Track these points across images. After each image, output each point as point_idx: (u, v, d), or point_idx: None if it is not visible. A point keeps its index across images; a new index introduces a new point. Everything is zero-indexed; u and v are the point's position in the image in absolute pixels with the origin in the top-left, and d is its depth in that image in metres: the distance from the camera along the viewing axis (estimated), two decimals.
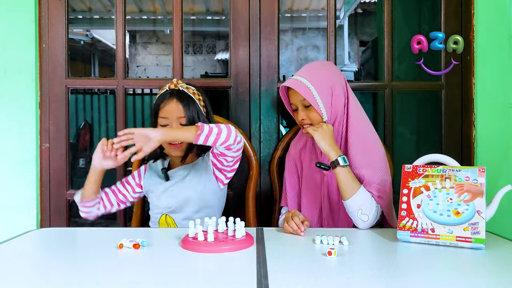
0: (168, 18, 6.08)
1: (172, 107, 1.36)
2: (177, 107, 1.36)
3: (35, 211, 1.66)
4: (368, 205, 1.24)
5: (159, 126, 1.36)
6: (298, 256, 0.99)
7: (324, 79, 1.33)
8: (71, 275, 0.87)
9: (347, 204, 1.25)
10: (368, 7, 6.26)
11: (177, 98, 1.37)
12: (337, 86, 1.34)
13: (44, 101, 1.70)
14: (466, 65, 1.70)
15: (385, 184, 1.29)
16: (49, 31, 1.70)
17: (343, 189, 1.25)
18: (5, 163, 1.66)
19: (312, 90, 1.30)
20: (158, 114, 1.37)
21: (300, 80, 1.32)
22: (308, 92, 1.30)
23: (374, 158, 1.31)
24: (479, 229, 1.03)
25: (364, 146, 1.32)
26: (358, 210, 1.23)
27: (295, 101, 1.36)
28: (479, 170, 1.09)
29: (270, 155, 1.69)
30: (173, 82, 1.40)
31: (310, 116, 1.33)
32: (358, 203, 1.24)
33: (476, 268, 0.93)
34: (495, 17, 1.64)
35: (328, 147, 1.26)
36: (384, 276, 0.85)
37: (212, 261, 0.96)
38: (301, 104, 1.34)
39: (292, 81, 1.33)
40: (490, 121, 1.65)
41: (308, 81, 1.31)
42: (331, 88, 1.32)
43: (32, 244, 1.15)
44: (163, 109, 1.36)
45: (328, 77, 1.34)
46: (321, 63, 1.44)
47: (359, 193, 1.24)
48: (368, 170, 1.29)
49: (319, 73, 1.35)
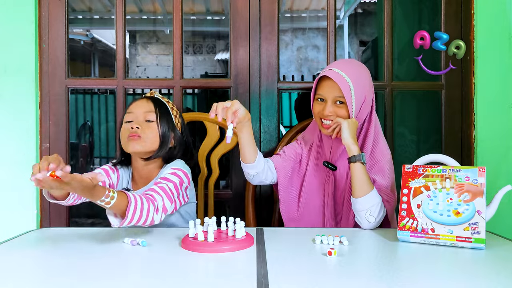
0: (168, 18, 6.08)
1: (142, 103, 1.32)
2: (147, 103, 1.32)
3: (35, 211, 1.66)
4: (377, 208, 1.23)
5: (124, 124, 1.31)
6: (298, 256, 0.99)
7: (363, 83, 1.31)
8: (71, 275, 0.87)
9: (358, 202, 1.23)
10: (368, 7, 6.26)
11: (148, 98, 1.34)
12: (369, 95, 1.34)
13: (44, 101, 1.70)
14: (466, 65, 1.70)
15: (393, 189, 1.30)
16: (49, 31, 1.70)
17: (358, 186, 1.23)
18: (5, 163, 1.66)
19: (352, 90, 1.27)
20: (125, 112, 1.33)
21: (343, 76, 1.28)
22: (349, 91, 1.27)
23: (385, 165, 1.32)
24: (479, 229, 1.03)
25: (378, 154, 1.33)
26: (367, 210, 1.22)
27: (327, 94, 1.31)
28: (479, 170, 1.09)
29: (270, 155, 1.69)
30: (152, 92, 1.38)
31: (338, 113, 1.30)
32: (369, 203, 1.22)
33: (476, 268, 0.93)
34: (495, 17, 1.64)
35: (352, 139, 1.25)
36: (384, 276, 0.85)
37: (212, 261, 0.96)
38: (333, 99, 1.30)
39: (333, 73, 1.29)
40: (490, 121, 1.65)
41: (351, 80, 1.27)
42: (365, 96, 1.31)
43: (32, 244, 1.15)
44: (131, 106, 1.33)
45: (366, 84, 1.33)
46: (362, 66, 1.38)
47: (372, 194, 1.23)
48: (379, 175, 1.29)
49: (360, 76, 1.31)
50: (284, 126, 4.93)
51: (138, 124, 1.27)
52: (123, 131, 1.31)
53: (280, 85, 1.73)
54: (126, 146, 1.28)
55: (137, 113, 1.30)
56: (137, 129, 1.27)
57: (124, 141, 1.29)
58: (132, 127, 1.27)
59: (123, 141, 1.30)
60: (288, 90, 1.84)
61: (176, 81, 1.72)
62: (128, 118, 1.30)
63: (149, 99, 1.34)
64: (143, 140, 1.28)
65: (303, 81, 6.04)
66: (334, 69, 1.29)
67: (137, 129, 1.27)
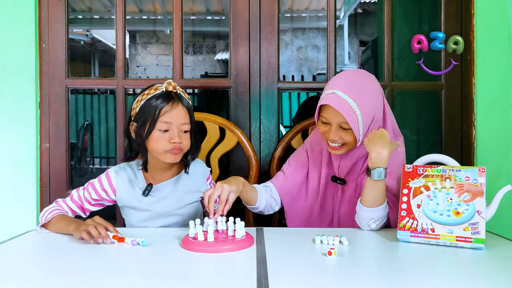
0: (168, 18, 6.08)
1: (179, 111, 1.24)
2: (184, 112, 1.26)
3: (35, 211, 1.66)
4: (383, 219, 1.21)
5: (156, 131, 1.23)
6: (298, 256, 0.99)
7: (370, 105, 1.23)
8: (71, 275, 0.87)
9: (365, 210, 1.20)
10: (368, 7, 6.26)
11: (182, 103, 1.26)
12: (378, 111, 1.27)
13: (44, 101, 1.69)
14: (466, 65, 1.70)
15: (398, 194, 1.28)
16: (49, 31, 1.70)
17: (369, 199, 1.19)
18: (5, 163, 1.66)
19: (358, 117, 1.19)
20: (158, 117, 1.22)
21: (348, 102, 1.19)
22: (354, 118, 1.19)
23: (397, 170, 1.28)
24: (479, 229, 1.03)
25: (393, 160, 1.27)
26: (372, 219, 1.20)
27: (331, 119, 1.24)
28: (479, 170, 1.09)
29: (270, 155, 1.69)
30: (170, 83, 1.26)
31: (344, 138, 1.25)
32: (376, 214, 1.20)
33: (476, 268, 0.93)
34: (495, 17, 1.64)
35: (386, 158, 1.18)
36: (384, 276, 0.85)
37: (212, 261, 0.96)
38: (338, 124, 1.23)
39: (337, 99, 1.20)
40: (490, 121, 1.65)
41: (357, 105, 1.19)
42: (374, 115, 1.24)
43: (32, 244, 1.15)
44: (167, 114, 1.23)
45: (373, 102, 1.24)
46: (369, 80, 1.27)
47: (382, 207, 1.20)
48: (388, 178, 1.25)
49: (367, 94, 1.23)
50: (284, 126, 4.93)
51: (178, 137, 1.24)
52: (158, 140, 1.24)
53: (280, 85, 1.73)
54: (164, 157, 1.25)
55: (175, 124, 1.24)
56: (180, 143, 1.25)
57: (161, 151, 1.24)
58: (174, 141, 1.23)
59: (158, 150, 1.24)
60: (288, 90, 1.84)
61: (176, 81, 1.71)
62: (164, 127, 1.23)
63: (183, 106, 1.27)
64: (182, 151, 1.27)
65: (303, 81, 6.04)
66: (338, 93, 1.21)
67: (179, 144, 1.25)
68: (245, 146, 1.62)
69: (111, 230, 1.11)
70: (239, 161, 1.71)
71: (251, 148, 1.62)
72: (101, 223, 1.11)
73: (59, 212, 1.26)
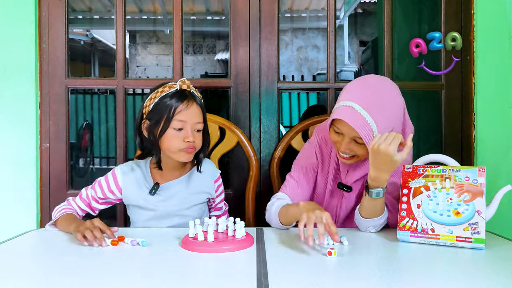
0: (168, 18, 6.08)
1: (193, 110, 1.25)
2: (198, 111, 1.26)
3: (35, 211, 1.66)
4: (381, 226, 1.21)
5: (171, 129, 1.23)
6: (298, 256, 0.99)
7: (389, 121, 1.17)
8: (71, 275, 0.87)
9: (363, 220, 1.19)
10: (368, 7, 6.26)
11: (196, 102, 1.27)
12: (397, 125, 1.21)
13: (44, 101, 1.69)
14: (466, 65, 1.70)
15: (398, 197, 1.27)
16: (49, 31, 1.70)
17: (368, 211, 1.18)
18: (5, 163, 1.66)
19: (374, 133, 1.13)
20: (173, 116, 1.22)
21: (364, 117, 1.13)
22: (370, 135, 1.13)
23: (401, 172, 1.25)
24: (479, 229, 1.03)
25: None
26: (370, 226, 1.20)
27: (345, 131, 1.19)
28: (479, 170, 1.09)
29: (270, 155, 1.69)
30: (185, 82, 1.27)
31: (355, 150, 1.21)
32: (374, 223, 1.20)
33: (476, 268, 0.93)
34: (495, 17, 1.64)
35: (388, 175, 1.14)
36: (384, 276, 0.85)
37: (212, 261, 0.96)
38: (352, 138, 1.19)
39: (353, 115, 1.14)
40: (490, 121, 1.65)
41: (374, 121, 1.13)
42: (392, 129, 1.18)
43: (32, 244, 1.15)
44: (182, 112, 1.23)
45: (393, 118, 1.19)
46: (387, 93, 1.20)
47: (380, 217, 1.19)
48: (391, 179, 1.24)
49: (385, 112, 1.16)
50: (284, 126, 4.93)
51: (192, 136, 1.25)
52: (173, 138, 1.24)
53: (280, 85, 1.73)
54: (178, 155, 1.26)
55: (190, 123, 1.24)
56: (193, 142, 1.25)
57: (175, 150, 1.25)
58: (188, 140, 1.23)
59: (172, 148, 1.25)
60: (288, 90, 1.84)
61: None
62: (178, 126, 1.24)
63: (198, 105, 1.27)
64: (195, 150, 1.28)
65: (303, 81, 6.04)
66: (355, 106, 1.14)
67: (193, 143, 1.25)
68: (245, 146, 1.62)
69: (108, 234, 1.09)
70: (239, 161, 1.71)
71: (251, 148, 1.62)
72: (99, 226, 1.10)
73: (67, 210, 1.28)
